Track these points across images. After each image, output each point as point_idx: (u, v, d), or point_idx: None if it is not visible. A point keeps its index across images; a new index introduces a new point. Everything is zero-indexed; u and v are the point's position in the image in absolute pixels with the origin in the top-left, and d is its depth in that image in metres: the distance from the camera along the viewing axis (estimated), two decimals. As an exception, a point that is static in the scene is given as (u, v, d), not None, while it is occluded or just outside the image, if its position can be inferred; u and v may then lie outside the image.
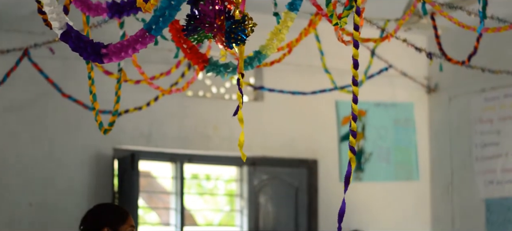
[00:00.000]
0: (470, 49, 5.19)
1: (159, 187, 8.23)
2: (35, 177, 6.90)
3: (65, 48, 3.14)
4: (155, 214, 8.15)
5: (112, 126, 3.92)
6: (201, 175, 8.07)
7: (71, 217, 6.97)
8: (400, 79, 8.12)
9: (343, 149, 8.12)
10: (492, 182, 7.87)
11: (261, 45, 3.48)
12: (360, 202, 8.14)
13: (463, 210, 8.15)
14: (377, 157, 8.26)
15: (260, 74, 7.73)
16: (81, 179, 7.05)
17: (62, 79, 6.73)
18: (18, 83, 6.71)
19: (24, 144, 6.89)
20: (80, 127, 7.04)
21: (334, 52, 6.43)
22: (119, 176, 7.12)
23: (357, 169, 8.15)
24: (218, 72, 3.61)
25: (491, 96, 7.92)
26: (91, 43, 2.65)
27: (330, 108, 8.10)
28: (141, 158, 7.08)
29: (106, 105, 5.29)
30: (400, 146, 8.38)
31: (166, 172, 7.59)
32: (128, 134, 7.19)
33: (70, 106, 6.73)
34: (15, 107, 6.89)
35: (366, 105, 8.24)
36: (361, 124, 8.22)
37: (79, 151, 7.06)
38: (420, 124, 8.49)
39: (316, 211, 7.96)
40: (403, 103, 8.40)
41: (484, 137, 7.96)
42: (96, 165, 7.11)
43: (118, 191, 7.10)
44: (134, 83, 5.24)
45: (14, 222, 6.77)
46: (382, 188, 8.28)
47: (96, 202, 7.07)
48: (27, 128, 6.91)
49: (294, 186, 7.95)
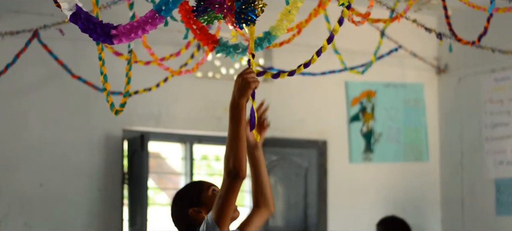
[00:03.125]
0: (480, 29, 5.17)
1: (169, 168, 8.25)
2: (45, 157, 6.91)
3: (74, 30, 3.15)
4: (165, 195, 8.18)
5: (124, 107, 3.92)
6: (211, 156, 8.08)
7: (81, 197, 7.00)
8: (410, 60, 8.10)
9: (353, 129, 8.11)
10: (502, 162, 7.86)
11: (271, 26, 3.48)
12: (369, 183, 8.14)
13: (473, 190, 8.14)
14: (387, 138, 8.26)
15: (270, 55, 7.72)
16: (91, 159, 7.07)
17: (71, 61, 6.74)
18: (28, 64, 6.72)
19: (34, 125, 6.91)
20: (90, 108, 7.05)
21: (343, 33, 6.40)
22: (128, 157, 7.13)
23: (367, 150, 8.15)
24: (228, 53, 3.61)
25: (501, 76, 7.90)
26: (101, 24, 2.65)
27: (339, 89, 8.09)
28: (150, 139, 7.08)
29: (115, 86, 5.29)
30: (410, 127, 8.37)
31: (175, 152, 7.60)
32: (137, 115, 7.20)
33: (80, 87, 6.74)
34: (25, 89, 6.90)
35: (375, 86, 8.23)
36: (370, 104, 8.21)
37: (89, 132, 7.07)
38: (430, 104, 8.47)
39: (326, 192, 7.96)
40: (412, 84, 8.38)
41: (493, 117, 7.94)
42: (106, 146, 7.12)
43: (127, 172, 7.11)
44: (144, 64, 5.25)
45: (25, 202, 6.80)
46: (392, 169, 8.27)
47: (106, 183, 7.11)
48: (37, 109, 6.92)
49: (304, 166, 7.95)
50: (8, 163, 6.82)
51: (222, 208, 3.51)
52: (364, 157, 8.13)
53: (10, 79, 6.57)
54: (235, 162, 3.42)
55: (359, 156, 8.12)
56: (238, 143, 3.43)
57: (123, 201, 7.11)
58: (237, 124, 3.42)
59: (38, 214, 6.84)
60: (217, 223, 3.52)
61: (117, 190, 7.10)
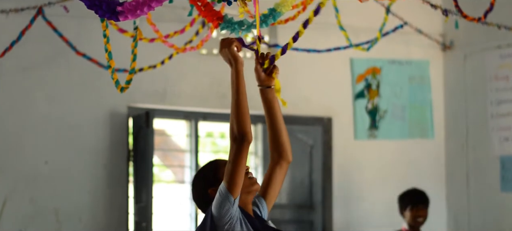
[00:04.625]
0: (486, 5, 5.14)
1: (174, 145, 8.26)
2: (50, 135, 6.92)
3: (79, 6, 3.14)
4: (170, 172, 8.20)
5: (129, 84, 3.92)
6: (216, 133, 8.08)
7: (86, 174, 7.01)
8: (415, 36, 8.08)
9: (358, 106, 8.11)
10: (507, 139, 7.85)
11: (276, 2, 3.47)
12: (374, 160, 8.14)
13: (478, 167, 8.15)
14: (392, 115, 8.25)
15: (275, 32, 7.71)
16: (96, 137, 7.07)
17: (76, 38, 6.73)
18: (33, 42, 6.71)
19: (39, 102, 6.91)
20: (95, 85, 7.04)
21: (349, 10, 6.40)
22: (134, 134, 7.13)
23: (372, 127, 8.15)
24: (233, 29, 3.61)
25: (506, 53, 7.88)
26: (106, 1, 2.65)
27: (344, 66, 8.07)
28: (156, 116, 7.09)
29: (120, 63, 5.29)
30: (415, 104, 8.36)
31: (180, 130, 7.60)
32: (142, 92, 7.20)
33: (84, 65, 6.74)
34: (30, 66, 6.90)
35: (380, 63, 8.21)
36: (376, 81, 8.19)
37: (94, 110, 7.07)
38: (435, 81, 8.45)
39: (331, 169, 7.97)
40: (418, 60, 8.37)
41: (499, 94, 7.93)
42: (111, 123, 7.12)
43: (133, 149, 7.12)
44: (148, 41, 5.24)
45: (30, 180, 6.81)
46: (397, 146, 8.27)
47: (111, 160, 7.12)
48: (41, 87, 6.92)
49: (309, 144, 7.95)
50: (13, 140, 6.83)
51: (232, 174, 3.53)
52: (369, 134, 8.13)
53: (15, 57, 6.56)
54: (239, 126, 3.45)
55: (364, 133, 8.12)
56: (240, 107, 3.47)
57: (128, 178, 7.12)
58: (236, 90, 3.47)
59: (43, 191, 6.85)
60: (229, 190, 3.55)
61: (123, 167, 7.11)
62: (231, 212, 3.58)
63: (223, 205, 3.57)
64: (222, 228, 3.61)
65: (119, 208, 7.07)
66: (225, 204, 3.57)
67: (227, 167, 3.54)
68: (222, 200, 3.57)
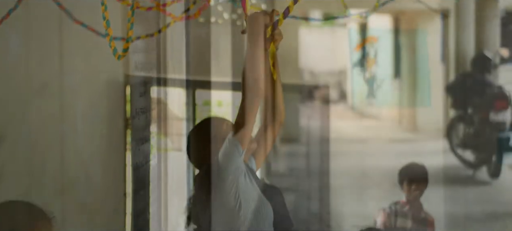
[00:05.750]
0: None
1: (171, 113, 8.24)
2: (47, 104, 6.90)
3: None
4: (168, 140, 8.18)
5: (127, 52, 3.91)
6: (213, 101, 8.07)
7: (82, 143, 7.00)
8: (414, 5, 8.05)
9: (355, 75, 8.10)
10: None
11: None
12: (372, 128, 8.15)
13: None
14: (389, 83, 8.25)
15: (272, 0, 7.68)
16: (93, 105, 7.06)
17: (73, 6, 6.70)
18: (29, 10, 6.67)
19: (35, 71, 6.89)
20: (91, 53, 7.02)
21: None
22: (131, 103, 7.12)
23: (370, 95, 8.15)
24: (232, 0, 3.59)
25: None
26: (104, -29, 2.62)
27: (342, 35, 8.06)
28: (153, 84, 7.07)
29: (116, 32, 5.27)
30: (413, 72, 8.36)
31: (178, 98, 7.59)
32: (140, 60, 7.18)
33: (80, 33, 6.71)
34: (26, 35, 6.87)
35: (378, 32, 8.20)
36: (373, 50, 8.18)
37: (91, 78, 7.05)
38: (433, 50, 8.45)
39: (328, 138, 7.97)
40: (416, 29, 8.36)
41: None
42: (108, 91, 7.11)
43: (130, 117, 7.11)
44: (146, 10, 5.22)
45: (27, 148, 6.80)
46: (394, 114, 8.28)
47: (109, 128, 7.10)
48: (37, 56, 6.90)
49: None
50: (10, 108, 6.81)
51: (243, 125, 3.55)
52: (367, 102, 8.13)
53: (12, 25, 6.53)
54: (254, 79, 3.47)
55: (361, 101, 8.13)
56: (257, 61, 3.49)
57: (126, 147, 7.12)
58: (256, 44, 3.48)
59: (39, 160, 6.85)
60: (240, 141, 3.56)
61: (120, 135, 7.10)
62: (238, 162, 3.60)
63: (232, 155, 3.59)
64: (226, 178, 3.61)
65: (116, 176, 7.08)
66: (234, 154, 3.58)
67: (237, 118, 3.56)
68: (231, 150, 3.59)
